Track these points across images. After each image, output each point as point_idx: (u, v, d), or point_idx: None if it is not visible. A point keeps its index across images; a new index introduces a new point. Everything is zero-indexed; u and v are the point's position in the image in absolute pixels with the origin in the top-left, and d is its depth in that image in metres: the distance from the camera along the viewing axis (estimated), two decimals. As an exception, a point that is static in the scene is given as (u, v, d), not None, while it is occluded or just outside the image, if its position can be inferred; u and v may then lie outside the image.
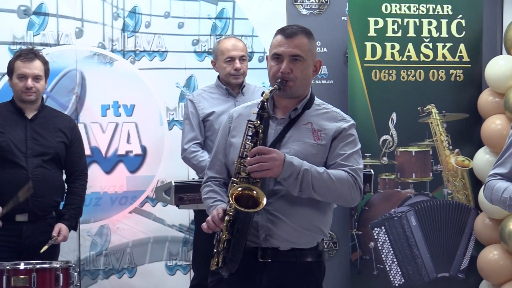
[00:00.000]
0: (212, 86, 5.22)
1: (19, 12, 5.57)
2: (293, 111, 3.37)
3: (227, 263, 3.21)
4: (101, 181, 5.68)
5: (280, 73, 3.30)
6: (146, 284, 5.74)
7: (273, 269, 3.29)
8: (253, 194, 3.20)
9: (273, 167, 3.17)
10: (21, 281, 4.26)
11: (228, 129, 3.47)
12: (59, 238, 4.77)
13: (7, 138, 4.76)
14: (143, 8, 5.82)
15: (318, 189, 3.23)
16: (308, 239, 3.33)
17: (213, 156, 3.53)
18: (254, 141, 3.23)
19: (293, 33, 3.34)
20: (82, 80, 5.69)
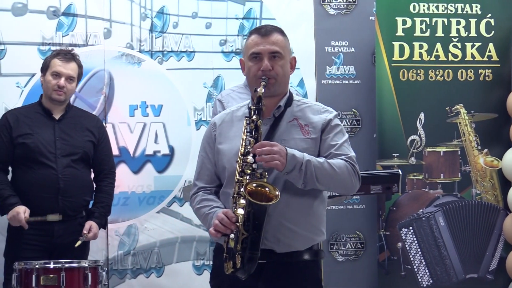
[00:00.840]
0: (241, 86, 5.20)
1: (48, 13, 5.61)
2: (277, 109, 3.37)
3: (246, 264, 3.16)
4: (129, 181, 5.70)
5: (260, 71, 3.31)
6: (174, 284, 5.75)
7: (269, 270, 3.27)
8: (265, 190, 3.18)
9: (279, 158, 3.16)
10: (50, 280, 4.29)
11: (214, 137, 3.45)
12: (89, 235, 4.80)
13: (35, 139, 4.80)
14: (171, 8, 5.83)
15: (321, 179, 3.22)
16: (305, 240, 3.31)
17: (200, 166, 3.49)
18: (255, 137, 3.22)
19: (269, 31, 3.36)
20: (110, 80, 5.71)
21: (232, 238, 3.16)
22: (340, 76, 6.09)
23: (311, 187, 3.24)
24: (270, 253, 3.26)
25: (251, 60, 3.35)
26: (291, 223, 3.27)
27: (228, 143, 3.36)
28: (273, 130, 3.33)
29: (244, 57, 3.42)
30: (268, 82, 3.29)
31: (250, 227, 3.14)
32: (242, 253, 3.15)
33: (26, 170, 4.79)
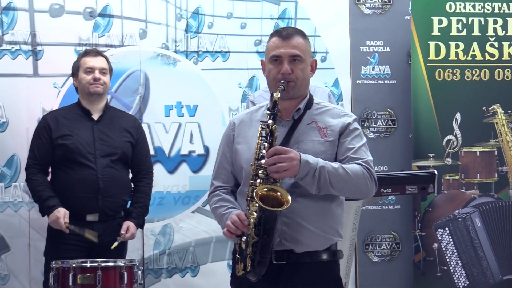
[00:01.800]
0: None
1: (85, 14, 5.66)
2: (296, 112, 3.36)
3: (256, 267, 3.17)
4: (164, 180, 5.73)
5: (280, 74, 3.30)
6: (209, 284, 5.76)
7: (288, 271, 3.27)
8: (277, 195, 3.18)
9: (291, 167, 3.15)
10: (87, 279, 4.33)
11: (232, 137, 3.45)
12: (127, 235, 4.84)
13: (75, 140, 4.84)
14: (206, 9, 5.85)
15: (336, 185, 3.22)
16: (323, 240, 3.31)
17: (217, 166, 3.50)
18: (270, 142, 3.22)
19: (290, 34, 3.34)
20: (145, 80, 5.75)
21: (243, 240, 3.19)
22: (375, 76, 6.07)
23: (326, 193, 3.24)
24: (290, 253, 3.27)
25: (271, 63, 3.34)
26: (310, 224, 3.26)
27: (245, 143, 3.37)
28: (291, 132, 3.33)
29: (265, 59, 3.41)
30: (288, 85, 3.29)
31: (261, 232, 3.15)
32: (252, 256, 3.17)
33: (66, 170, 4.83)
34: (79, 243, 4.79)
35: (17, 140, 5.46)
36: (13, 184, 5.50)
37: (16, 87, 5.52)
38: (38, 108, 5.52)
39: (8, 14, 5.52)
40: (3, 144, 5.49)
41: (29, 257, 5.47)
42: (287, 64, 3.29)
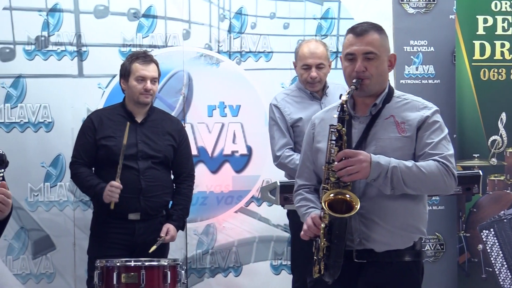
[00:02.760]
0: (294, 89, 5.13)
1: (129, 15, 5.70)
2: (373, 107, 3.34)
3: (329, 270, 3.21)
4: (207, 180, 5.75)
5: (355, 72, 3.29)
6: (252, 283, 5.77)
7: (369, 270, 3.27)
8: (346, 198, 3.19)
9: (360, 169, 3.16)
10: (131, 278, 4.35)
11: (312, 135, 3.47)
12: (166, 237, 4.86)
13: (118, 142, 4.86)
14: (249, 9, 5.86)
15: (410, 184, 3.20)
16: (403, 239, 3.29)
17: (301, 164, 3.53)
18: (339, 145, 3.22)
19: (364, 31, 3.32)
20: (189, 81, 5.77)
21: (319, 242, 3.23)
22: (419, 75, 6.03)
23: (401, 192, 3.22)
24: (370, 252, 3.26)
25: (346, 60, 3.34)
26: (388, 224, 3.25)
27: (325, 141, 3.35)
28: (369, 129, 3.32)
29: (342, 54, 3.41)
30: (362, 83, 3.28)
31: (331, 237, 3.18)
32: (325, 260, 3.21)
33: (108, 170, 4.86)
34: (121, 241, 4.83)
35: (63, 140, 5.53)
36: (58, 183, 5.57)
37: (61, 87, 5.59)
38: (83, 109, 5.58)
39: (54, 15, 5.59)
40: (49, 144, 5.56)
41: (74, 255, 5.53)
42: (361, 62, 3.28)
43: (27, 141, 5.53)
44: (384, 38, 3.36)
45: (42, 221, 5.54)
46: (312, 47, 5.00)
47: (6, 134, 5.51)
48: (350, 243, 3.25)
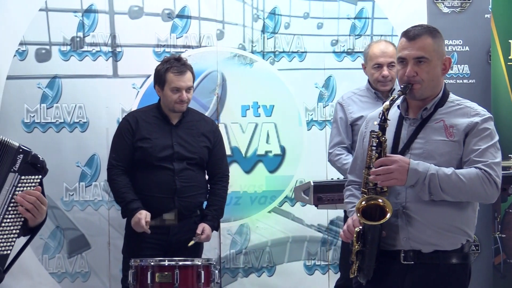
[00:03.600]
0: (362, 89, 5.15)
1: (163, 15, 5.73)
2: (424, 111, 3.33)
3: (362, 271, 3.26)
4: (241, 180, 5.76)
5: (405, 76, 3.28)
6: (285, 283, 5.77)
7: (415, 271, 3.26)
8: (379, 203, 3.22)
9: (397, 176, 3.18)
10: (165, 277, 4.37)
11: (364, 133, 3.48)
12: (202, 236, 4.88)
13: (153, 144, 4.90)
14: (283, 9, 5.86)
15: (448, 191, 3.19)
16: (451, 241, 3.27)
17: (353, 160, 3.57)
18: (379, 152, 3.24)
19: (416, 35, 3.31)
20: (222, 81, 5.78)
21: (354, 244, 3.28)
22: (454, 75, 5.98)
23: (439, 199, 3.22)
24: (417, 253, 3.26)
25: (398, 64, 3.34)
26: (435, 224, 3.24)
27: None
28: (417, 132, 3.32)
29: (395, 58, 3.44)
30: (413, 88, 3.27)
31: (364, 242, 3.22)
32: (359, 263, 3.26)
33: (144, 171, 4.90)
34: (156, 241, 4.86)
35: (97, 140, 5.57)
36: (93, 183, 5.61)
37: (96, 88, 5.63)
38: (117, 109, 5.62)
39: (89, 16, 5.63)
40: (84, 144, 5.60)
41: (108, 255, 5.57)
42: (412, 66, 3.28)
43: (63, 141, 5.58)
44: (438, 42, 3.35)
45: (77, 220, 5.59)
46: (382, 46, 5.02)
47: (42, 134, 5.57)
48: (396, 242, 3.26)
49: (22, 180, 3.01)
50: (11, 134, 5.37)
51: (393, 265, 3.27)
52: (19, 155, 3.00)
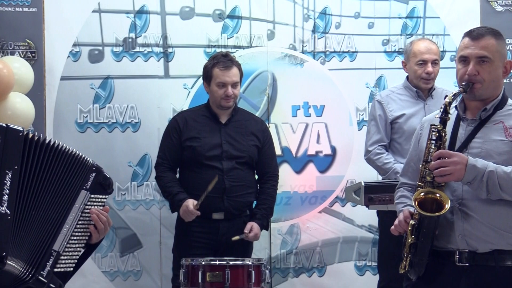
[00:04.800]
0: (400, 87, 5.13)
1: (214, 16, 5.75)
2: (483, 112, 3.30)
3: (414, 267, 3.23)
4: (291, 180, 5.75)
5: (466, 75, 3.25)
6: (336, 284, 5.75)
7: (471, 274, 3.21)
8: (437, 197, 3.18)
9: (454, 171, 3.14)
10: (216, 277, 4.38)
11: (419, 136, 3.46)
12: (250, 235, 4.89)
13: (203, 143, 4.93)
14: (334, 9, 5.84)
15: (507, 190, 3.16)
16: (507, 240, 3.22)
17: (406, 163, 3.55)
18: (438, 145, 3.22)
19: (480, 35, 3.29)
20: (273, 81, 5.79)
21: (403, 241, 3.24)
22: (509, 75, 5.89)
23: (497, 198, 3.18)
24: (473, 255, 3.22)
25: (459, 63, 3.32)
26: (492, 223, 3.20)
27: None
28: (475, 132, 3.29)
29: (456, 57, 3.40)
30: (473, 87, 3.25)
31: (419, 235, 3.19)
32: (411, 257, 3.23)
33: (193, 170, 4.94)
34: (205, 240, 4.89)
35: (149, 140, 5.62)
36: (145, 182, 5.66)
37: (148, 88, 5.67)
38: (168, 109, 5.66)
39: (141, 17, 5.68)
40: (136, 143, 5.65)
41: (160, 254, 5.61)
42: (474, 65, 3.26)
43: (115, 141, 5.64)
44: (501, 44, 3.33)
45: (129, 219, 5.64)
46: (426, 43, 5.05)
47: (95, 134, 5.63)
48: (451, 240, 3.23)
49: (91, 198, 3.05)
50: (65, 134, 5.46)
51: (447, 266, 3.23)
52: (92, 173, 3.04)
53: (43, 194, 2.91)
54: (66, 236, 2.96)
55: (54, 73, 5.59)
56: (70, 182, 2.99)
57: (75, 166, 3.00)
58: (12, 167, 2.80)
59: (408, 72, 5.11)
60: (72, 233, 2.98)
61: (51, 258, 2.91)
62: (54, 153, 2.94)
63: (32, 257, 2.87)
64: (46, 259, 2.90)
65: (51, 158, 2.92)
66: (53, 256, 2.91)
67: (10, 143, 2.82)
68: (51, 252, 2.91)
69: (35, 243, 2.88)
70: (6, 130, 2.83)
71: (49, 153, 2.92)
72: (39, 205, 2.90)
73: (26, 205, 2.86)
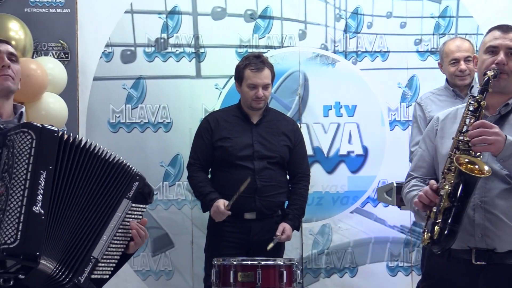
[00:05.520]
0: (441, 89, 5.10)
1: (245, 16, 5.76)
2: (504, 107, 3.28)
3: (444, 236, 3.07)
4: (323, 180, 5.74)
5: (495, 64, 3.23)
6: (368, 284, 5.73)
7: (488, 273, 3.17)
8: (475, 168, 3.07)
9: (495, 142, 3.08)
10: (247, 277, 4.38)
11: (435, 131, 3.42)
12: (282, 237, 4.88)
13: (234, 143, 4.94)
14: (365, 8, 5.82)
15: None
16: None
17: (418, 158, 3.48)
18: (476, 116, 3.16)
19: (510, 28, 3.30)
20: (305, 81, 5.78)
21: (433, 210, 3.10)
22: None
23: None
24: (490, 253, 3.18)
25: (486, 53, 3.30)
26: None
27: (448, 138, 3.31)
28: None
29: (479, 52, 3.37)
30: (500, 76, 3.22)
31: (455, 199, 3.06)
32: (442, 224, 3.07)
33: (225, 171, 4.95)
34: (237, 240, 4.89)
35: (181, 140, 5.64)
36: (176, 182, 5.68)
37: (179, 88, 5.70)
38: (200, 109, 5.68)
39: (173, 18, 5.70)
40: (168, 144, 5.68)
41: (191, 253, 5.63)
42: (503, 56, 3.25)
43: (147, 141, 5.67)
44: None
45: (161, 219, 5.67)
46: (458, 42, 5.02)
47: (127, 134, 5.66)
48: (470, 238, 3.18)
49: (132, 208, 3.08)
50: (98, 134, 5.50)
51: (464, 265, 3.18)
52: (135, 182, 3.06)
53: (78, 195, 2.93)
54: (105, 244, 2.98)
55: (87, 73, 5.63)
56: (112, 189, 3.01)
57: (118, 173, 3.02)
58: (46, 167, 2.83)
59: (444, 73, 5.08)
60: (112, 241, 3.01)
61: (90, 265, 2.94)
62: (91, 156, 2.96)
63: (67, 259, 2.89)
64: (84, 264, 2.93)
65: (87, 160, 2.94)
66: (91, 262, 2.94)
67: (44, 143, 2.84)
68: (90, 259, 2.94)
69: (70, 244, 2.91)
70: (41, 130, 2.86)
71: (85, 155, 2.94)
72: (74, 206, 2.92)
73: (60, 206, 2.88)
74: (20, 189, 2.76)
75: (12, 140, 2.82)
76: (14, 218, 2.72)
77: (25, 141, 2.81)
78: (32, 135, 2.82)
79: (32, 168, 2.78)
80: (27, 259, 2.74)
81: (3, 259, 2.71)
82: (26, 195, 2.76)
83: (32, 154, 2.79)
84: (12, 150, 2.80)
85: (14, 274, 2.78)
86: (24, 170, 2.78)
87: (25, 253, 2.72)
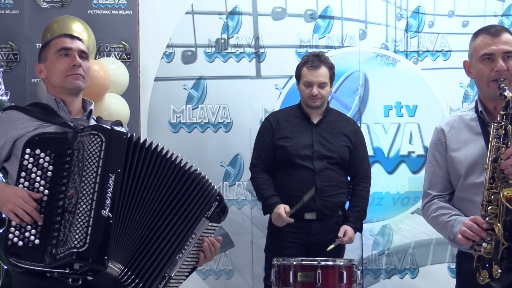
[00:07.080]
0: None
1: (305, 16, 5.76)
2: None
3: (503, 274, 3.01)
4: (383, 181, 5.71)
5: (495, 72, 3.16)
6: (428, 286, 5.67)
7: None
8: None
9: None
10: (307, 277, 4.38)
11: (444, 144, 3.35)
12: (344, 239, 4.86)
13: (294, 142, 4.94)
14: (427, 7, 5.77)
15: None
16: None
17: (431, 175, 3.41)
18: (505, 143, 3.07)
19: (499, 31, 3.21)
20: (365, 81, 5.76)
21: (484, 246, 3.04)
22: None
23: None
24: None
25: (481, 62, 3.22)
26: None
27: (462, 149, 3.26)
28: None
29: (470, 59, 3.29)
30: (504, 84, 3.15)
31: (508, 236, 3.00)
32: (500, 262, 3.02)
33: (285, 170, 4.94)
34: (297, 240, 4.88)
35: (241, 140, 5.66)
36: (236, 182, 5.70)
37: (239, 88, 5.72)
38: (260, 109, 5.69)
39: (233, 18, 5.73)
40: (228, 144, 5.70)
41: (251, 253, 5.65)
42: (501, 62, 3.17)
43: (207, 141, 5.71)
44: None
45: (221, 219, 5.69)
46: None
47: (188, 134, 5.71)
48: None
49: (208, 226, 3.11)
50: (159, 134, 5.55)
51: None
52: (215, 202, 3.10)
53: (149, 200, 2.97)
54: (180, 261, 3.03)
55: (148, 74, 5.69)
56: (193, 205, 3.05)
57: (198, 189, 3.07)
58: (115, 171, 2.86)
59: None
60: (186, 257, 3.06)
61: (163, 282, 3.00)
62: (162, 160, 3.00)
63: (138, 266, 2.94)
64: (158, 281, 2.99)
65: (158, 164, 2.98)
66: (165, 279, 3.00)
67: (114, 146, 2.88)
68: (164, 276, 3.00)
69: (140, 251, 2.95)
70: (111, 133, 2.89)
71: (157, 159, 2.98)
72: (145, 211, 2.96)
73: (129, 209, 2.92)
74: (89, 192, 2.80)
75: (82, 142, 2.87)
76: (84, 222, 2.77)
77: (95, 143, 2.85)
78: (102, 138, 2.86)
79: (101, 171, 2.82)
80: (96, 263, 2.78)
81: (72, 262, 2.76)
82: (95, 199, 2.80)
83: (101, 157, 2.83)
84: (82, 153, 2.85)
85: (83, 276, 2.83)
86: (93, 173, 2.82)
87: (94, 257, 2.77)
